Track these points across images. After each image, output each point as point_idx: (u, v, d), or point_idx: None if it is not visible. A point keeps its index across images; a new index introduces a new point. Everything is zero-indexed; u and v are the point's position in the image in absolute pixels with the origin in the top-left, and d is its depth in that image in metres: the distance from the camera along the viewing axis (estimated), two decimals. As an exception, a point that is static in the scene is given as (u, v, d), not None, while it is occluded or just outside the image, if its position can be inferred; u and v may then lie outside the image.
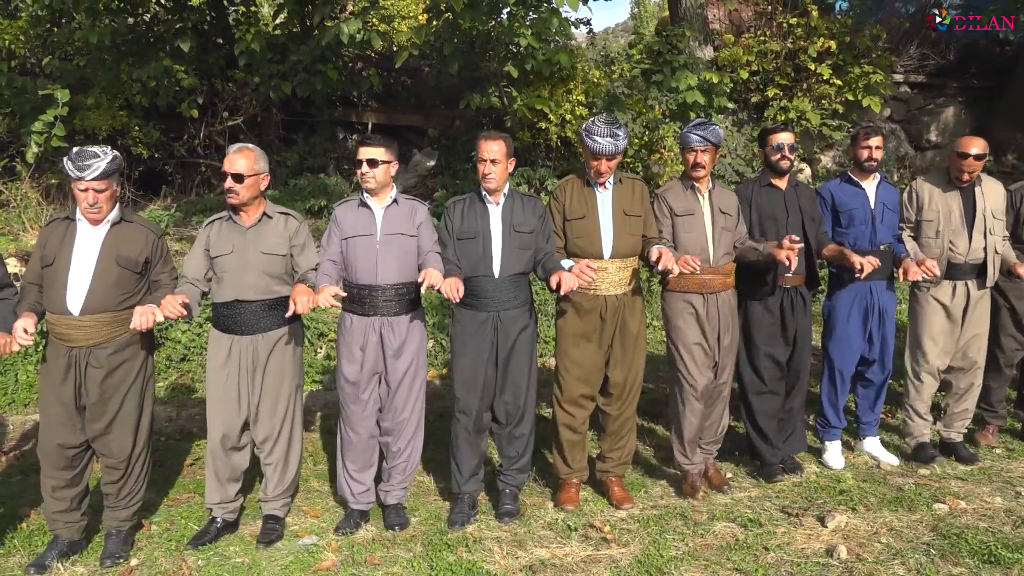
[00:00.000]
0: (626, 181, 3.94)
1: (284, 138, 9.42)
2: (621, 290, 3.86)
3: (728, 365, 4.06)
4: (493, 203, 3.79)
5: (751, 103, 9.37)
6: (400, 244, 3.68)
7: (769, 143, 4.19)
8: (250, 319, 3.58)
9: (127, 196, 8.64)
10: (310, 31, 8.86)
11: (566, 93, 8.36)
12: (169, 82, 8.23)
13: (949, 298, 4.37)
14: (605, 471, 4.07)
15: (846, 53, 9.10)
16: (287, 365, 3.68)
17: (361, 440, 3.77)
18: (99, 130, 8.23)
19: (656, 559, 3.39)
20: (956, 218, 4.34)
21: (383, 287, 3.64)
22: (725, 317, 3.99)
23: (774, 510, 3.87)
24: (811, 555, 3.41)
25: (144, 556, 3.56)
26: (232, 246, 3.58)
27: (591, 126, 3.75)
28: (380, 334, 3.67)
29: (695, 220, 3.97)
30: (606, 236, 3.82)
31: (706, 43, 9.43)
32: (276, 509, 3.78)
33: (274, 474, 3.72)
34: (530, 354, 3.84)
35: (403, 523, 3.78)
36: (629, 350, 3.91)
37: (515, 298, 3.77)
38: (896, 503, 3.90)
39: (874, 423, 4.52)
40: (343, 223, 3.71)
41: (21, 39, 8.92)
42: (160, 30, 8.82)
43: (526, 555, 3.46)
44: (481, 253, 3.73)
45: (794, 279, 4.18)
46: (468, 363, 3.77)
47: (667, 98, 8.46)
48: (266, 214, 3.66)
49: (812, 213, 4.28)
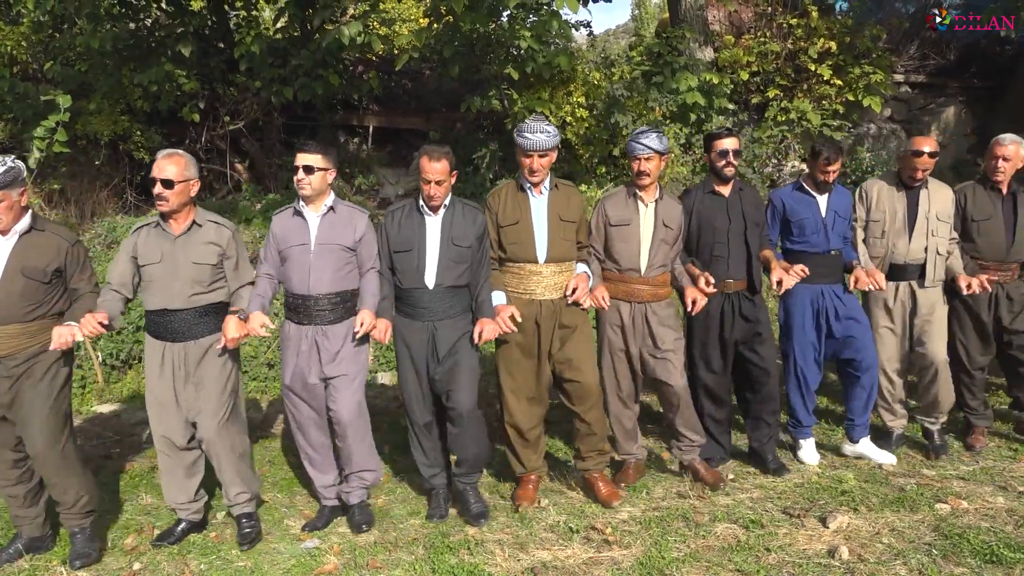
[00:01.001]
0: (562, 187, 3.94)
1: (285, 142, 9.43)
2: (556, 295, 3.86)
3: (671, 369, 4.02)
4: (432, 214, 3.75)
5: (751, 104, 9.37)
6: (335, 254, 3.65)
7: (714, 148, 4.17)
8: (180, 327, 3.55)
9: (129, 200, 8.68)
10: (311, 35, 8.87)
11: (566, 95, 8.38)
12: (170, 87, 8.26)
13: (892, 299, 4.44)
14: (587, 469, 4.05)
15: (846, 53, 9.10)
16: (221, 370, 3.63)
17: (312, 444, 3.80)
18: (101, 135, 8.25)
19: (658, 561, 3.39)
20: (899, 219, 4.40)
21: (316, 297, 3.62)
22: (658, 327, 3.99)
23: (776, 511, 3.87)
24: (813, 556, 3.41)
25: (147, 560, 3.57)
26: (161, 254, 3.53)
27: (521, 126, 3.78)
28: (314, 342, 3.65)
29: (631, 230, 3.98)
30: (540, 241, 3.82)
31: (706, 44, 9.44)
32: (244, 507, 3.76)
33: (233, 480, 3.70)
34: (471, 356, 3.80)
35: (369, 520, 3.79)
36: (573, 348, 3.89)
37: (451, 308, 3.75)
38: (898, 503, 3.90)
39: (864, 424, 4.49)
40: (278, 234, 3.71)
41: (23, 45, 8.95)
42: (161, 35, 8.84)
43: (528, 557, 3.47)
44: (416, 265, 3.71)
45: (735, 284, 4.19)
46: (407, 369, 3.80)
47: (667, 99, 8.47)
48: (196, 222, 3.60)
49: (757, 218, 4.25)
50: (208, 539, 3.77)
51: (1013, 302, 4.55)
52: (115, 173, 8.75)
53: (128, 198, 8.67)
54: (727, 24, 10.27)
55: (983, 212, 4.52)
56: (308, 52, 8.29)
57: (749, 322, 4.23)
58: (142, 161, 8.70)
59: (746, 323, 4.23)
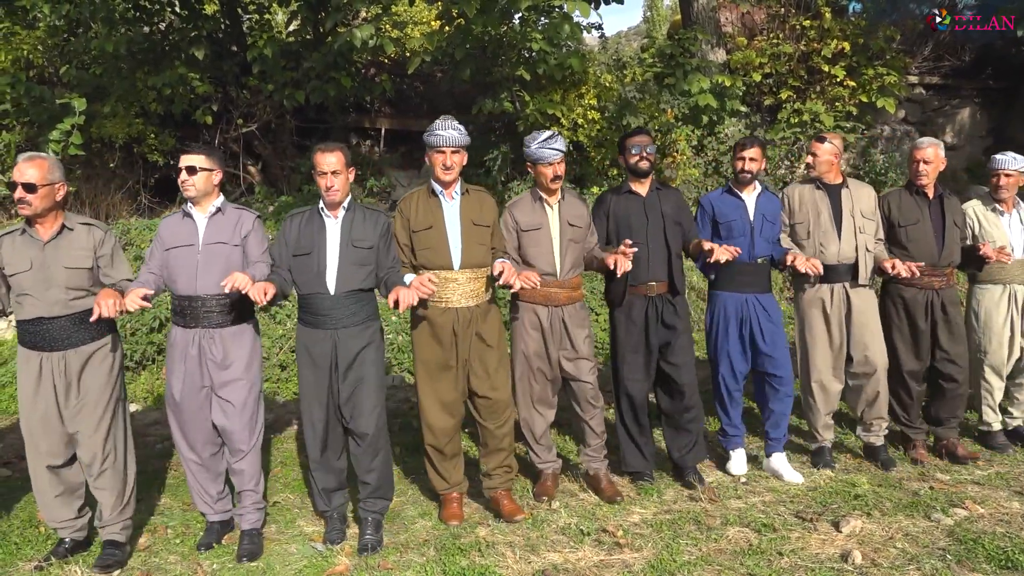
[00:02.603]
0: (473, 192, 3.88)
1: (298, 144, 9.49)
2: (473, 301, 3.77)
3: (583, 367, 4.01)
4: (332, 217, 3.65)
5: (764, 106, 9.35)
6: (222, 254, 3.57)
7: (627, 147, 4.14)
8: (58, 335, 3.41)
9: (143, 202, 8.75)
10: (323, 38, 8.92)
11: (578, 97, 8.38)
12: (184, 90, 8.32)
13: (828, 302, 4.36)
14: (493, 488, 3.94)
15: (860, 55, 9.06)
16: (104, 380, 3.50)
17: (196, 455, 3.66)
18: (115, 138, 8.33)
19: (669, 564, 3.38)
20: (825, 219, 4.35)
21: (203, 298, 3.52)
22: (573, 329, 3.98)
23: (788, 515, 3.85)
24: (825, 560, 3.39)
25: (159, 560, 3.59)
26: (30, 262, 3.39)
27: (431, 126, 3.75)
28: (200, 346, 3.55)
29: (541, 234, 3.94)
30: (455, 246, 3.74)
31: (718, 46, 9.42)
32: (115, 533, 3.55)
33: (109, 498, 3.53)
34: (376, 372, 3.67)
35: (255, 552, 3.56)
36: (490, 362, 3.81)
37: (354, 315, 3.60)
38: (912, 508, 3.87)
39: (780, 439, 4.35)
40: (165, 235, 3.62)
41: (39, 49, 9.05)
42: (175, 38, 8.92)
43: (539, 560, 3.46)
44: (316, 270, 3.59)
45: (657, 287, 4.13)
46: (307, 383, 3.65)
47: (679, 102, 8.45)
48: (66, 226, 3.48)
49: (677, 217, 4.18)
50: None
51: (948, 315, 4.47)
52: (129, 176, 8.83)
53: (142, 200, 8.74)
54: (739, 26, 10.24)
55: (909, 217, 4.47)
56: (320, 55, 8.33)
57: (668, 329, 4.16)
58: (156, 164, 8.77)
59: (666, 329, 4.16)
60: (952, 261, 4.50)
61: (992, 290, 4.65)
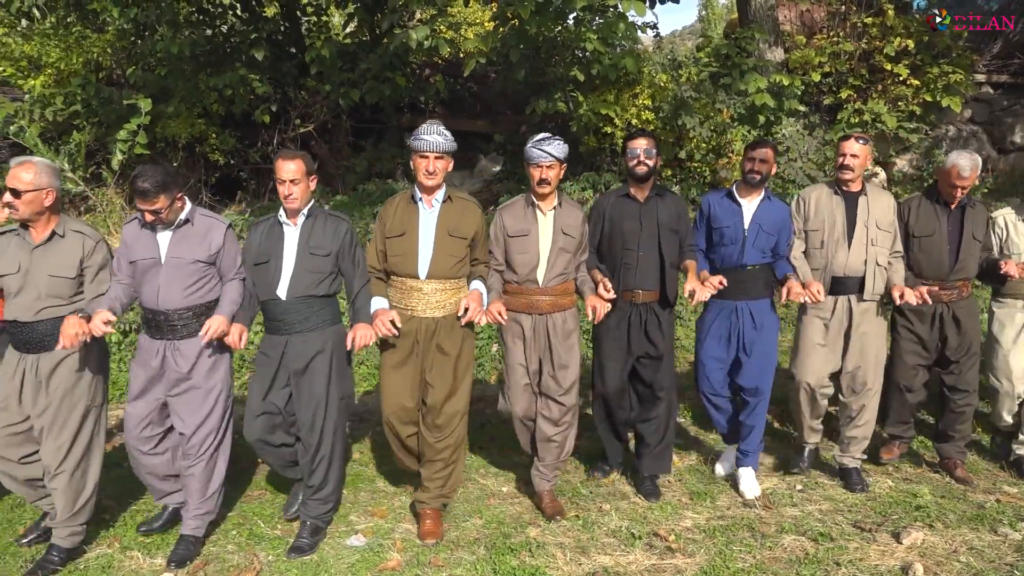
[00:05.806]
0: (457, 201, 3.75)
1: (353, 144, 9.63)
2: (440, 312, 3.68)
3: (567, 386, 3.87)
4: (291, 224, 3.63)
5: (823, 105, 9.14)
6: (187, 268, 3.51)
7: (626, 150, 4.03)
8: (30, 337, 3.43)
9: (204, 201, 8.97)
10: (379, 39, 9.04)
11: (632, 98, 8.32)
12: (244, 90, 8.51)
13: (829, 313, 4.17)
14: (423, 502, 3.82)
15: (924, 52, 8.79)
16: (72, 385, 3.47)
17: (145, 461, 3.64)
18: (179, 137, 8.57)
19: (722, 571, 3.33)
20: (839, 228, 4.13)
21: (166, 312, 3.49)
22: (557, 341, 3.84)
23: (846, 524, 3.76)
24: (885, 572, 3.30)
25: (217, 550, 3.67)
26: (19, 265, 3.42)
27: (416, 130, 3.66)
28: (164, 357, 3.53)
29: (529, 240, 3.82)
30: (424, 256, 3.64)
31: (776, 45, 9.25)
32: (61, 539, 3.51)
33: (60, 501, 3.47)
34: (327, 377, 3.63)
35: (186, 557, 3.53)
36: (446, 375, 3.70)
37: (306, 320, 3.58)
38: (977, 521, 3.75)
39: (751, 452, 4.20)
40: (129, 243, 3.56)
41: (108, 51, 9.37)
42: (236, 40, 9.14)
43: (589, 562, 3.45)
44: (271, 276, 3.59)
45: (645, 295, 4.02)
46: (257, 385, 3.65)
47: (735, 102, 8.32)
48: (56, 233, 3.46)
49: (674, 225, 4.04)
50: (275, 531, 3.86)
51: (960, 325, 4.27)
52: (191, 174, 9.07)
53: (203, 198, 8.97)
54: (798, 24, 10.04)
55: (925, 228, 4.25)
56: (376, 56, 8.44)
57: (650, 342, 4.04)
58: (217, 163, 8.99)
59: (647, 342, 4.05)
60: (966, 275, 4.29)
61: (1011, 304, 4.39)
